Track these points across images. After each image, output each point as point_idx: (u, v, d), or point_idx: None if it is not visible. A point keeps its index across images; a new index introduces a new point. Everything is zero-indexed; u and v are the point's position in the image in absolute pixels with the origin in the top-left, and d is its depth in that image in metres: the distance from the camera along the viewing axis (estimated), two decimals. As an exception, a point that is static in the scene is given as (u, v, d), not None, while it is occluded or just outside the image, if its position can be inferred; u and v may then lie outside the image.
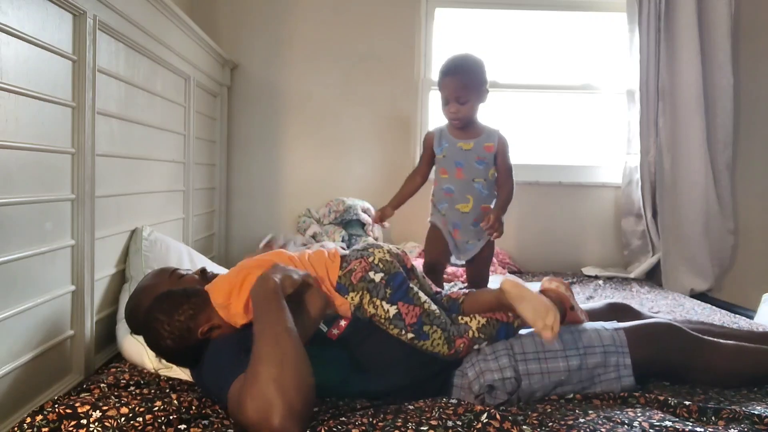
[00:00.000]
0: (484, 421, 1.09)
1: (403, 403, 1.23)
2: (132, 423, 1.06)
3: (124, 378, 1.32)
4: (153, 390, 1.27)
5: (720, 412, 1.17)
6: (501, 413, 1.11)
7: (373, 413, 1.16)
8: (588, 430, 1.08)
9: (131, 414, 1.08)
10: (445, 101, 1.83)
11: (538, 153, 3.29)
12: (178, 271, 1.49)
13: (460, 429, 1.06)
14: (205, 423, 1.12)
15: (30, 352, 1.30)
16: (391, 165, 3.11)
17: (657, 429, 1.08)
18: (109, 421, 1.05)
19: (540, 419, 1.13)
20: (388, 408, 1.21)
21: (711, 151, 3.00)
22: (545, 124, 3.31)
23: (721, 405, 1.24)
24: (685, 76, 2.95)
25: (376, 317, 1.34)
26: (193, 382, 1.35)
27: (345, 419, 1.12)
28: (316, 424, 1.08)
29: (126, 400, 1.15)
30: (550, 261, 3.12)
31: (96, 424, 1.05)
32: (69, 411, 1.07)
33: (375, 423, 1.09)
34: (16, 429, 1.03)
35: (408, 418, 1.12)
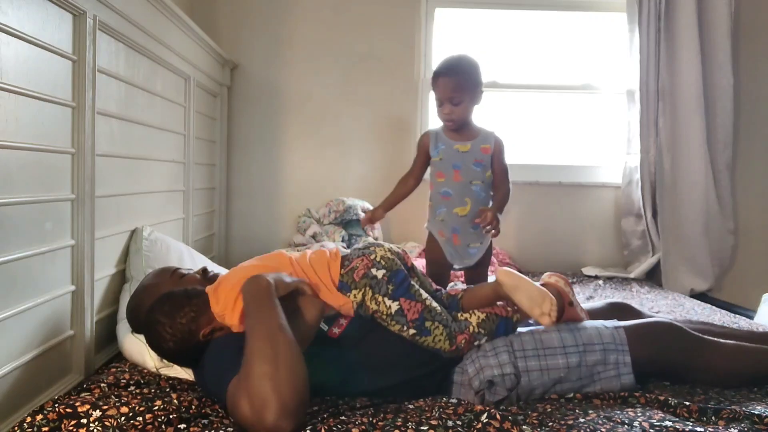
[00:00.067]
0: (484, 421, 1.09)
1: (403, 403, 1.24)
2: (132, 422, 1.06)
3: (124, 378, 1.32)
4: (153, 389, 1.27)
5: (720, 412, 1.17)
6: (501, 413, 1.11)
7: (373, 412, 1.16)
8: (588, 429, 1.08)
9: (131, 413, 1.08)
10: (439, 102, 1.82)
11: (538, 153, 3.29)
12: (179, 271, 1.48)
13: (460, 429, 1.06)
14: (205, 422, 1.12)
15: (30, 352, 1.30)
16: (391, 165, 3.10)
17: (657, 429, 1.08)
18: (109, 421, 1.05)
19: (540, 419, 1.13)
20: (388, 407, 1.21)
21: (711, 151, 3.00)
22: (545, 124, 3.31)
23: (721, 405, 1.24)
24: (685, 76, 2.95)
25: (378, 314, 1.35)
26: (194, 381, 1.35)
27: (345, 418, 1.12)
28: (316, 423, 1.08)
29: (126, 399, 1.15)
30: (550, 261, 3.12)
31: (96, 423, 1.05)
32: (69, 410, 1.07)
33: (375, 422, 1.09)
34: (16, 428, 1.03)
35: (408, 417, 1.12)
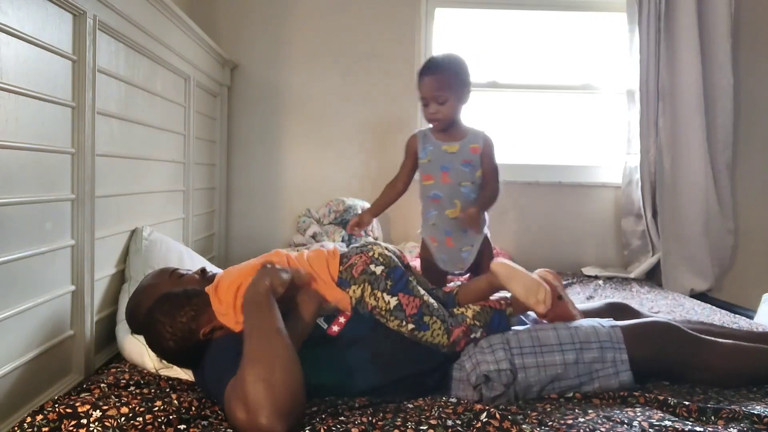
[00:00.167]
0: (483, 420, 1.09)
1: (403, 402, 1.24)
2: (132, 423, 1.06)
3: (124, 378, 1.32)
4: (153, 390, 1.27)
5: (719, 411, 1.17)
6: (500, 412, 1.11)
7: (373, 412, 1.16)
8: (587, 429, 1.08)
9: (131, 414, 1.08)
10: (425, 102, 1.76)
11: (538, 153, 3.30)
12: (178, 271, 1.49)
13: (459, 428, 1.06)
14: (205, 424, 1.12)
15: (30, 352, 1.30)
16: (391, 165, 3.06)
17: (656, 428, 1.08)
18: (109, 421, 1.05)
19: (539, 418, 1.13)
20: (387, 407, 1.21)
21: (711, 151, 3.00)
22: (545, 124, 3.31)
23: (721, 405, 1.24)
24: (685, 76, 2.95)
25: (376, 309, 1.35)
26: (194, 382, 1.35)
27: (344, 418, 1.12)
28: (315, 423, 1.08)
29: (126, 399, 1.15)
30: (550, 261, 3.12)
31: (96, 423, 1.05)
32: (69, 411, 1.07)
33: (374, 422, 1.09)
34: (16, 429, 1.03)
35: (407, 417, 1.12)
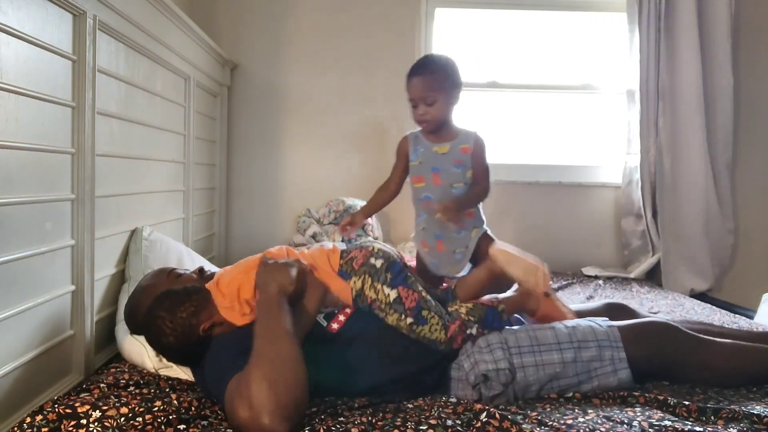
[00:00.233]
0: (483, 420, 1.09)
1: (402, 402, 1.24)
2: (132, 423, 1.06)
3: (123, 378, 1.32)
4: (153, 390, 1.27)
5: (719, 411, 1.17)
6: (500, 412, 1.11)
7: (372, 412, 1.16)
8: (587, 429, 1.08)
9: (131, 414, 1.08)
10: (413, 104, 1.74)
11: (538, 153, 3.30)
12: (176, 271, 1.49)
13: (459, 428, 1.06)
14: (204, 424, 1.12)
15: (30, 352, 1.30)
16: (391, 165, 3.09)
17: (656, 428, 1.08)
18: (109, 421, 1.05)
19: (539, 418, 1.13)
20: (387, 407, 1.21)
21: (711, 151, 3.00)
22: (546, 124, 3.31)
23: (721, 405, 1.23)
24: (685, 76, 2.95)
25: (376, 303, 1.37)
26: (194, 382, 1.36)
27: (344, 419, 1.12)
28: (315, 423, 1.08)
29: (126, 400, 1.15)
30: (550, 261, 3.05)
31: (96, 424, 1.05)
32: (69, 411, 1.07)
33: (374, 422, 1.09)
34: (16, 429, 1.03)
35: (407, 417, 1.12)
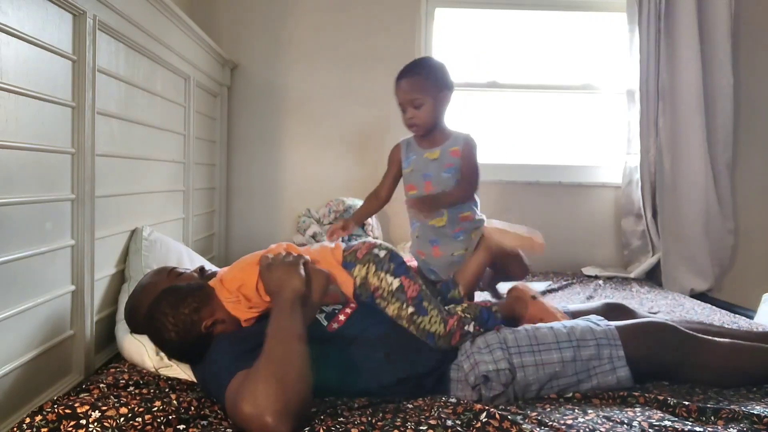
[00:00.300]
0: (483, 420, 1.09)
1: (402, 402, 1.24)
2: (131, 423, 1.06)
3: (123, 378, 1.32)
4: (152, 390, 1.27)
5: (719, 411, 1.17)
6: (500, 412, 1.11)
7: (372, 412, 1.16)
8: (587, 429, 1.08)
9: (130, 414, 1.08)
10: (402, 108, 1.72)
11: (538, 153, 3.29)
12: (176, 270, 1.51)
13: (459, 428, 1.06)
14: (204, 423, 1.12)
15: (30, 352, 1.30)
16: (391, 165, 3.10)
17: (656, 428, 1.08)
18: (108, 422, 1.05)
19: (539, 418, 1.13)
20: (386, 407, 1.21)
21: (711, 151, 3.00)
22: (546, 124, 3.31)
23: (721, 405, 1.23)
24: (685, 76, 2.94)
25: (378, 291, 1.39)
26: (193, 381, 1.36)
27: (344, 419, 1.12)
28: (314, 423, 1.08)
29: (125, 400, 1.15)
30: (550, 261, 3.12)
31: (95, 424, 1.05)
32: (68, 411, 1.07)
33: (374, 422, 1.09)
34: (15, 429, 1.03)
35: (407, 417, 1.12)
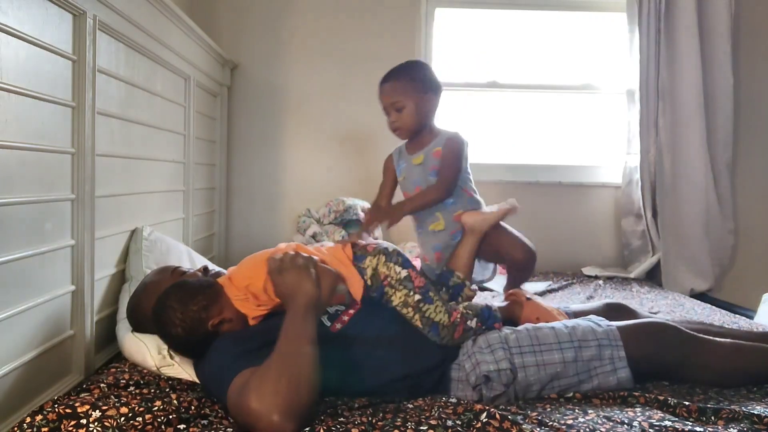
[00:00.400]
0: (483, 421, 1.09)
1: (402, 402, 1.24)
2: (132, 423, 1.06)
3: (123, 378, 1.32)
4: (153, 390, 1.27)
5: (719, 411, 1.17)
6: (500, 412, 1.11)
7: (372, 412, 1.16)
8: (587, 429, 1.08)
9: (131, 414, 1.08)
10: (386, 112, 1.69)
11: (538, 153, 3.29)
12: (180, 269, 1.51)
13: (459, 428, 1.06)
14: (204, 423, 1.12)
15: (30, 352, 1.30)
16: (391, 165, 3.10)
17: (656, 428, 1.08)
18: (109, 421, 1.05)
19: (539, 418, 1.13)
20: (387, 407, 1.21)
21: (711, 151, 3.00)
22: (546, 124, 3.31)
23: (721, 405, 1.23)
24: (685, 76, 2.94)
25: (388, 279, 1.42)
26: (194, 381, 1.36)
27: (344, 419, 1.12)
28: (315, 423, 1.08)
29: (126, 399, 1.15)
30: (550, 261, 3.12)
31: (96, 423, 1.05)
32: (69, 411, 1.07)
33: (374, 422, 1.09)
34: (16, 429, 1.03)
35: (407, 417, 1.12)
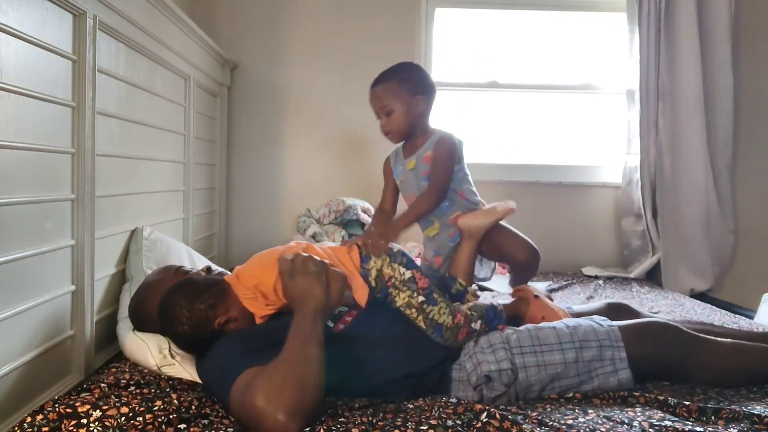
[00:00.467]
0: (483, 420, 1.09)
1: (403, 402, 1.24)
2: (132, 422, 1.06)
3: (124, 378, 1.32)
4: (153, 390, 1.27)
5: (720, 411, 1.17)
6: (501, 412, 1.11)
7: (373, 412, 1.16)
8: (588, 429, 1.08)
9: (131, 413, 1.08)
10: (377, 116, 1.68)
11: (538, 153, 3.30)
12: (182, 268, 1.51)
13: (459, 428, 1.06)
14: (205, 422, 1.12)
15: (30, 352, 1.30)
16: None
17: (657, 428, 1.08)
18: (110, 421, 1.05)
19: (540, 418, 1.13)
20: (387, 407, 1.21)
21: (711, 151, 3.00)
22: (546, 124, 3.31)
23: (721, 405, 1.24)
24: (685, 76, 2.95)
25: (392, 280, 1.42)
26: (194, 381, 1.35)
27: (344, 419, 1.12)
28: (315, 423, 1.08)
29: (126, 399, 1.15)
30: (550, 261, 3.10)
31: (96, 423, 1.05)
32: (69, 410, 1.07)
33: (374, 422, 1.09)
34: (16, 429, 1.03)
35: (408, 417, 1.12)
